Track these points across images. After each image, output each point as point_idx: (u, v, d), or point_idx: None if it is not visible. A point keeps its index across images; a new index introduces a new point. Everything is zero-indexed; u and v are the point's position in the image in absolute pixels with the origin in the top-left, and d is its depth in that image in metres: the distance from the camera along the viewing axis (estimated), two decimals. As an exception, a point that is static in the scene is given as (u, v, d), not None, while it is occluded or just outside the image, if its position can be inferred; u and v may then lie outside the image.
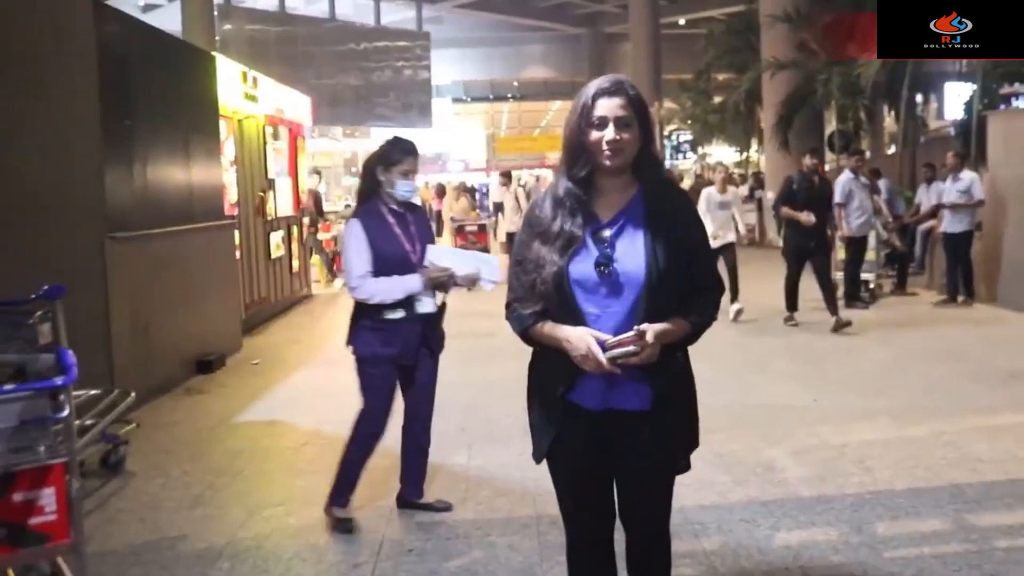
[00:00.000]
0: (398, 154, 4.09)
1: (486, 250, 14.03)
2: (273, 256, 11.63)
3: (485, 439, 5.55)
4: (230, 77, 10.09)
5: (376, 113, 34.63)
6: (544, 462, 2.59)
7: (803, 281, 9.38)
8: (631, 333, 2.29)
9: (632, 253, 2.42)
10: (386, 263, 4.00)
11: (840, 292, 10.39)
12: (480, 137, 56.87)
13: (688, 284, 2.45)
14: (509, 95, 54.80)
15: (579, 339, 2.33)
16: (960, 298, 10.19)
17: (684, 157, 32.61)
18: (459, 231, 13.38)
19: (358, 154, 34.07)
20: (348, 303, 4.22)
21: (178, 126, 8.11)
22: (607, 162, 2.42)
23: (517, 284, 2.51)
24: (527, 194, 15.37)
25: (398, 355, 4.07)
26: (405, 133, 19.18)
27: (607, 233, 2.45)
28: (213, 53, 9.44)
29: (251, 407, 6.54)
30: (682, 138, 37.87)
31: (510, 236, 15.11)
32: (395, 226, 4.10)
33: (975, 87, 13.69)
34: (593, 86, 2.46)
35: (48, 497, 2.70)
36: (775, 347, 8.16)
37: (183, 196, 8.15)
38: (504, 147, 44.76)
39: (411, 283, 3.98)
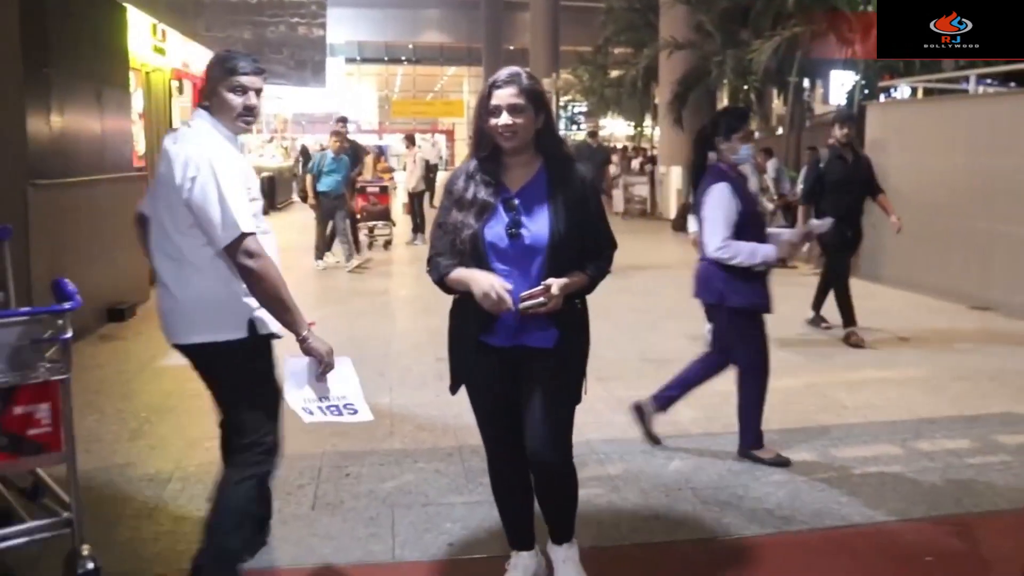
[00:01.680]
0: (737, 121, 4.51)
1: (388, 211, 14.27)
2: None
3: (402, 383, 5.97)
4: (140, 29, 10.09)
5: (269, 70, 33.91)
6: (460, 399, 3.06)
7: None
8: (539, 287, 2.71)
9: (537, 219, 2.81)
10: (754, 220, 4.42)
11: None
12: (372, 99, 56.33)
13: (586, 243, 2.86)
14: (404, 58, 54.29)
15: (483, 278, 2.72)
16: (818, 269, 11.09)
17: (579, 129, 33.29)
18: (360, 192, 13.52)
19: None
20: None
21: (91, 77, 8.14)
22: (504, 144, 2.82)
23: (439, 243, 2.90)
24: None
25: (767, 306, 4.49)
26: (298, 92, 19.15)
27: (516, 202, 2.84)
28: (124, 4, 9.39)
29: (172, 353, 6.74)
30: (577, 110, 38.52)
31: (411, 196, 15.40)
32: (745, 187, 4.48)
33: (857, 77, 14.64)
34: (491, 78, 2.85)
35: (44, 411, 2.98)
36: (665, 309, 8.77)
37: (96, 146, 8.21)
38: (399, 110, 44.51)
39: (767, 253, 4.31)
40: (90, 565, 3.06)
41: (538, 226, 2.80)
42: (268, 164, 23.63)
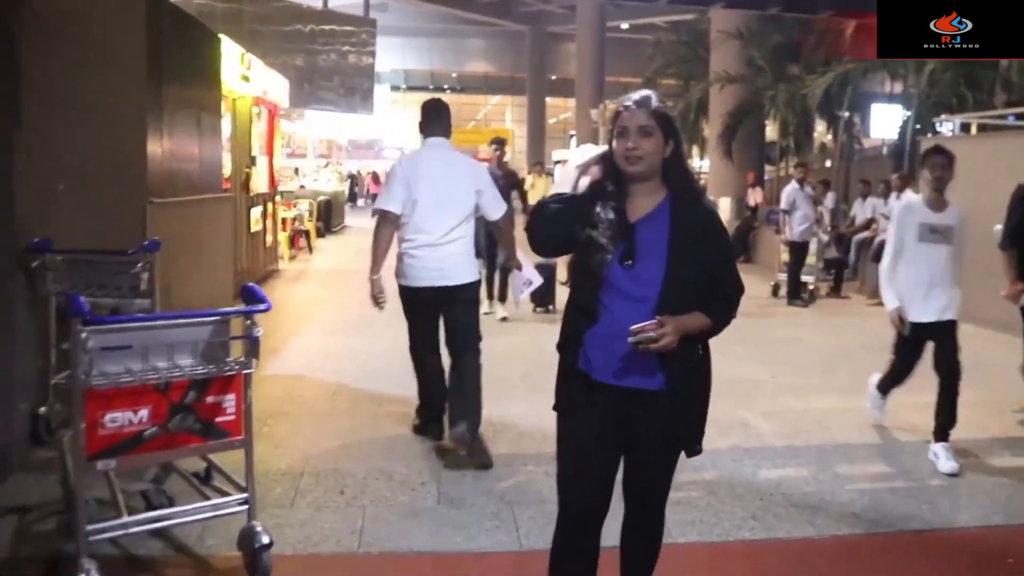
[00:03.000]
0: None
1: None
2: (253, 230, 12.21)
3: (497, 395, 6.36)
4: (230, 58, 10.66)
5: (318, 96, 34.65)
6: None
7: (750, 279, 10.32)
8: (651, 322, 2.50)
9: (654, 251, 2.61)
10: None
11: (783, 292, 11.54)
12: (416, 126, 57.19)
13: (709, 286, 2.66)
14: (447, 86, 55.05)
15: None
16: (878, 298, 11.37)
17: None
18: None
19: (292, 136, 34.02)
20: (315, 277, 4.94)
21: (193, 104, 8.68)
22: (628, 168, 2.64)
23: (547, 224, 2.73)
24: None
25: None
26: (346, 118, 19.36)
27: (633, 231, 2.64)
28: (219, 35, 9.98)
29: (269, 364, 7.21)
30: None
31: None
32: None
33: (909, 112, 14.96)
34: (622, 99, 2.71)
35: (230, 401, 3.42)
36: (727, 336, 9.10)
37: (195, 169, 8.74)
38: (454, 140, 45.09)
39: None
40: (265, 539, 3.47)
41: (653, 260, 2.61)
42: (324, 188, 24.22)
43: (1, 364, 4.72)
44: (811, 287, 11.70)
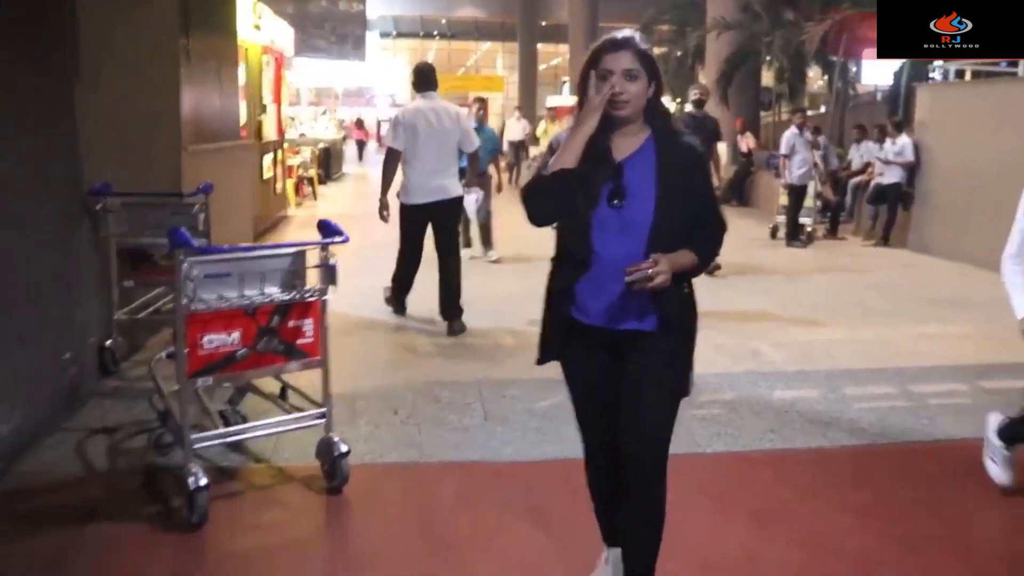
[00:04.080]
0: None
1: None
2: (265, 177, 12.49)
3: (532, 325, 6.76)
4: (244, 7, 10.87)
5: (310, 44, 34.51)
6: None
7: (752, 222, 10.70)
8: (647, 261, 2.46)
9: (642, 191, 2.58)
10: None
11: (781, 233, 11.95)
12: (405, 73, 56.89)
13: (694, 222, 2.63)
14: (437, 32, 54.65)
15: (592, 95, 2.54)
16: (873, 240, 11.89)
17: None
18: None
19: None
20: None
21: (214, 53, 8.93)
22: (615, 112, 2.57)
23: (540, 192, 2.61)
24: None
25: None
26: (338, 65, 19.26)
27: (620, 171, 2.60)
28: (234, -15, 10.18)
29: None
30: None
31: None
32: None
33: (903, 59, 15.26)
34: (602, 40, 2.63)
35: (309, 324, 3.80)
36: (733, 273, 9.51)
37: (217, 117, 9.02)
38: (441, 85, 44.87)
39: None
40: (343, 448, 3.87)
41: (642, 198, 2.58)
42: (323, 136, 24.37)
43: (69, 302, 5.06)
44: (808, 229, 12.08)
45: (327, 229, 3.80)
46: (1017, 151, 10.06)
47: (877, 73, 18.87)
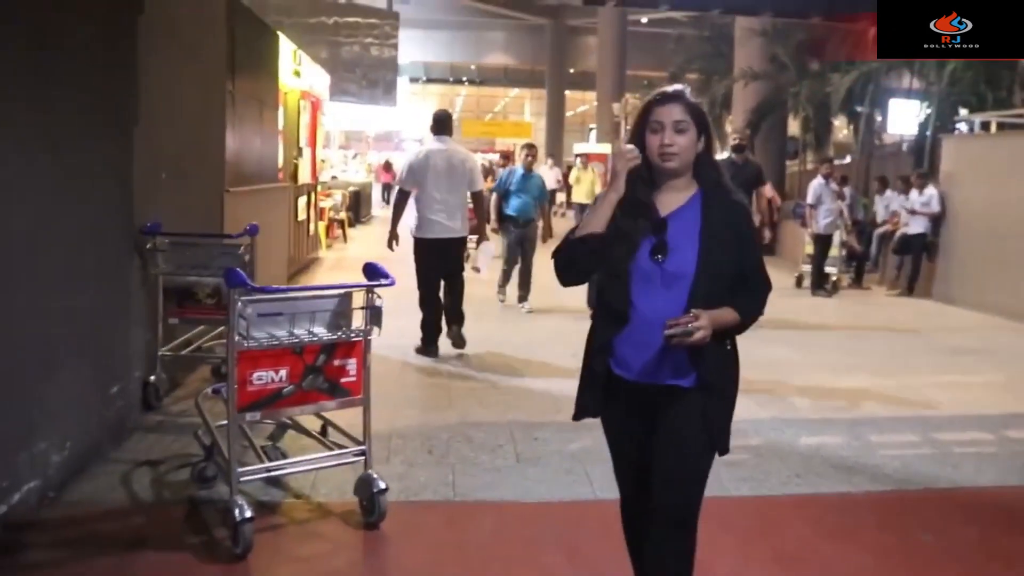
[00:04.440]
0: None
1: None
2: (299, 219, 12.76)
3: (557, 371, 6.91)
4: (285, 54, 11.22)
5: (341, 88, 35.12)
6: None
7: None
8: (687, 315, 2.49)
9: (685, 246, 2.60)
10: None
11: (806, 283, 12.07)
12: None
13: (738, 280, 2.65)
14: (466, 79, 55.33)
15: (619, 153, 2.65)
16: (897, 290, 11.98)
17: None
18: None
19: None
20: (354, 264, 5.37)
21: (256, 97, 9.24)
22: (663, 163, 2.62)
23: (575, 248, 2.67)
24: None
25: None
26: (368, 110, 19.73)
27: (665, 225, 2.63)
28: (277, 32, 10.53)
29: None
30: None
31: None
32: None
33: (929, 109, 15.43)
34: (654, 93, 2.70)
35: (352, 364, 3.96)
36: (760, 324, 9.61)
37: (257, 160, 9.30)
38: (469, 129, 45.37)
39: None
40: (382, 484, 4.00)
41: (685, 254, 2.60)
42: (353, 179, 24.78)
43: (119, 337, 5.26)
44: (834, 278, 12.16)
45: (373, 272, 3.97)
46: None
47: (903, 123, 19.02)
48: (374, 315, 3.92)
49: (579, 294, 7.87)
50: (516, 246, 9.85)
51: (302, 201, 12.89)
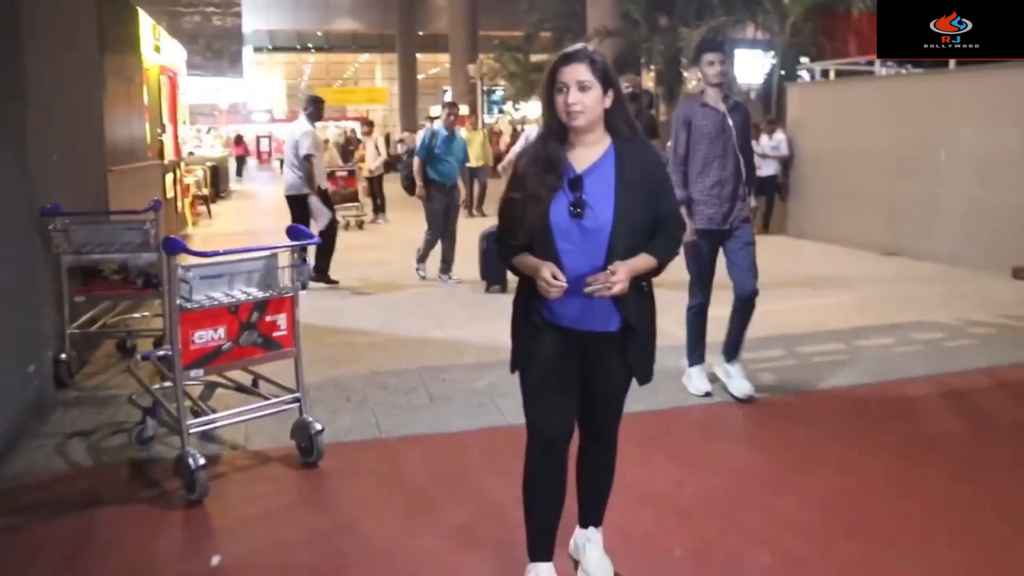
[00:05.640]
0: None
1: (356, 194, 15.46)
2: (168, 196, 12.63)
3: (452, 323, 7.33)
4: (146, 29, 11.07)
5: (187, 61, 34.24)
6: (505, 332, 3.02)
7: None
8: (604, 272, 2.65)
9: (602, 200, 2.71)
10: None
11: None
12: (282, 88, 56.55)
13: (654, 224, 2.79)
14: (313, 46, 54.39)
15: (539, 268, 2.69)
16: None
17: (500, 113, 34.58)
18: (330, 176, 14.72)
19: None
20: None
21: (124, 75, 9.18)
22: (570, 122, 2.73)
23: (509, 219, 2.84)
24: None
25: None
26: (215, 83, 19.69)
27: (581, 182, 2.74)
28: (137, 8, 10.40)
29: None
30: (494, 96, 39.63)
31: (370, 179, 16.58)
32: None
33: (773, 60, 16.47)
34: (558, 55, 2.80)
35: (282, 319, 4.26)
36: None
37: (129, 138, 9.27)
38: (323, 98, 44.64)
39: None
40: (318, 426, 4.35)
41: (602, 207, 2.71)
42: (210, 154, 24.29)
43: (29, 319, 5.36)
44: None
45: (298, 233, 4.28)
46: (876, 143, 11.19)
47: (749, 72, 20.10)
48: (300, 273, 4.23)
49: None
50: (441, 214, 9.33)
51: (169, 178, 12.76)
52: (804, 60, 15.94)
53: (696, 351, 5.55)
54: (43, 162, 5.68)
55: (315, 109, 9.23)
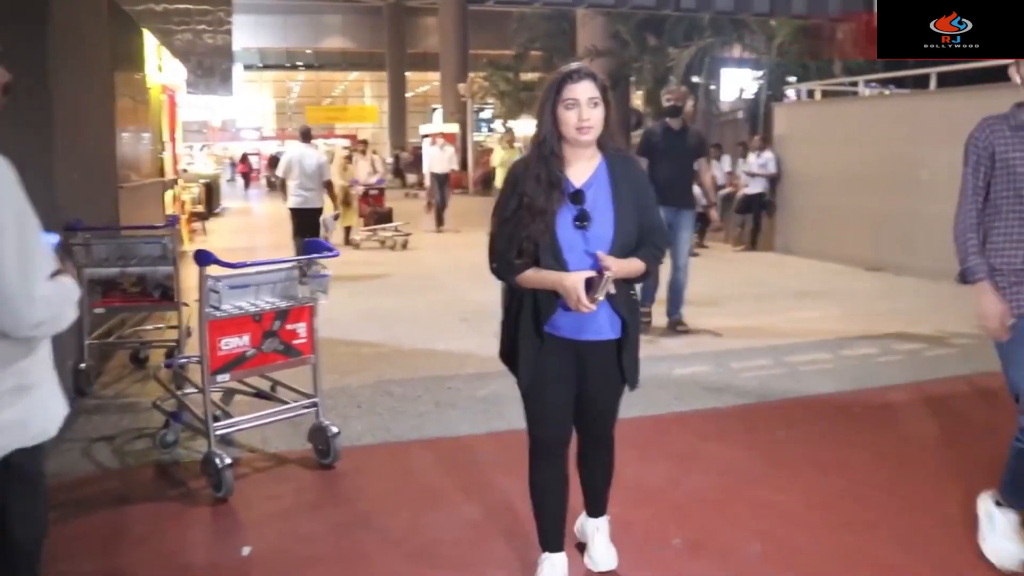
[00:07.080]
0: None
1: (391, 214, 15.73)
2: (168, 213, 12.87)
3: (450, 337, 7.60)
4: (151, 49, 11.35)
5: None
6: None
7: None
8: (599, 275, 2.75)
9: (602, 212, 2.87)
10: None
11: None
12: (271, 105, 56.81)
13: (643, 234, 2.93)
14: (303, 64, 54.65)
15: (573, 286, 2.76)
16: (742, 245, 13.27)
17: (491, 132, 34.85)
18: (363, 196, 15.34)
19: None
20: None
21: (131, 95, 9.44)
22: (581, 138, 2.83)
23: (505, 240, 2.90)
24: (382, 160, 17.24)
25: None
26: (205, 101, 19.97)
27: (583, 195, 2.88)
28: (143, 28, 10.67)
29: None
30: (483, 114, 39.92)
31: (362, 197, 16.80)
32: None
33: (759, 79, 16.89)
34: (564, 72, 2.88)
35: (302, 327, 4.53)
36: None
37: (135, 156, 9.53)
38: (313, 116, 45.00)
39: None
40: (334, 429, 4.61)
41: (603, 218, 2.86)
42: (204, 172, 24.54)
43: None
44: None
45: (318, 246, 4.56)
46: (861, 162, 11.56)
47: (735, 92, 20.53)
48: (320, 283, 4.51)
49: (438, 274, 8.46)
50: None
51: (168, 195, 13.01)
52: (792, 80, 16.35)
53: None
54: (65, 180, 5.93)
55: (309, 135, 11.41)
